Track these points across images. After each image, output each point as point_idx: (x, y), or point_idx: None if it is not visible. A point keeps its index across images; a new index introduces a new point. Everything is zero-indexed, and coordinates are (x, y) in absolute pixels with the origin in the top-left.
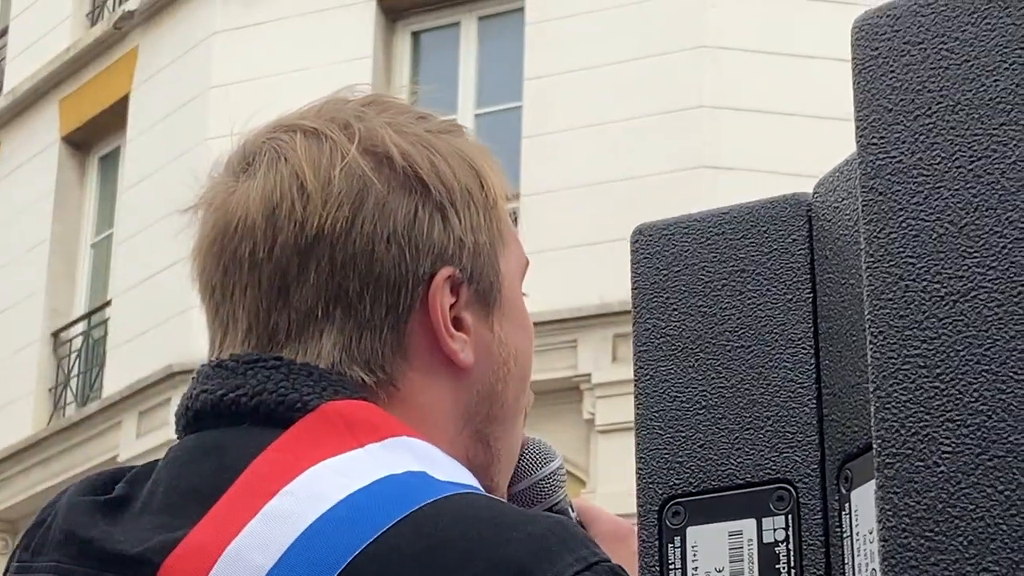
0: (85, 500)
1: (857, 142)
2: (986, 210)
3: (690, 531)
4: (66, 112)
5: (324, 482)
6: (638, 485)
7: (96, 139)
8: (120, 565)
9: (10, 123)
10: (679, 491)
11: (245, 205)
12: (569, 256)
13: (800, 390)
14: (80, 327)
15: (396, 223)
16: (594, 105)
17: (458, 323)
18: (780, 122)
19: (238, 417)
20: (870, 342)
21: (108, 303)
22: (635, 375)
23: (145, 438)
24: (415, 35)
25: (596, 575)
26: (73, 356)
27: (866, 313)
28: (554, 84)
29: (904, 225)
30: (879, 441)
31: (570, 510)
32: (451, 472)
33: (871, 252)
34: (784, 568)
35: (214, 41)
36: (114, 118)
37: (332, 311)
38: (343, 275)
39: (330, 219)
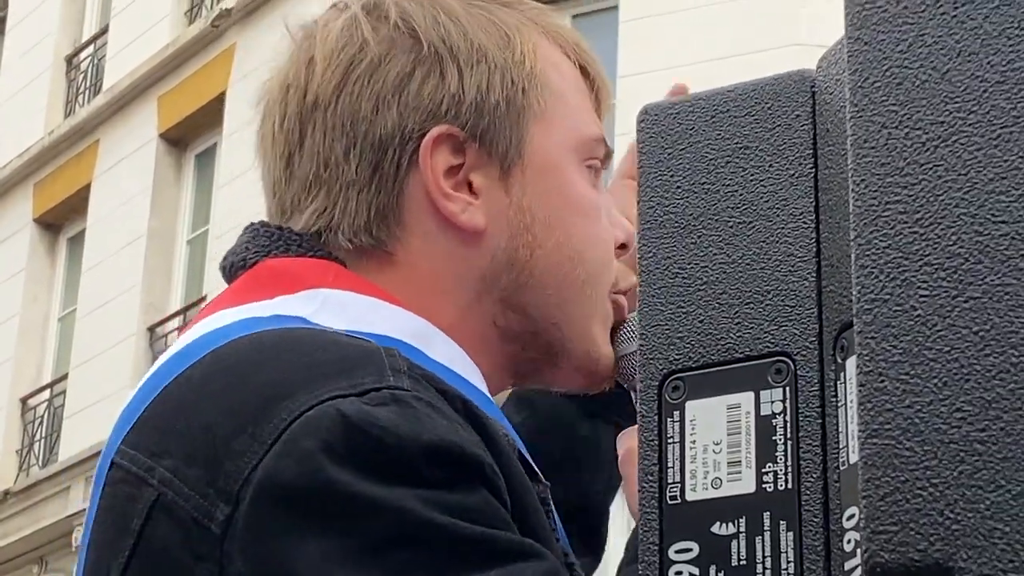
0: None
1: None
2: (968, 55)
3: (689, 405)
4: (164, 109)
5: (201, 328)
6: (640, 362)
7: (193, 136)
8: None
9: (109, 120)
10: (679, 366)
11: (270, 87)
12: None
13: (800, 263)
14: (175, 322)
15: (386, 82)
16: None
17: (465, 185)
18: None
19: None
20: (852, 190)
21: (203, 298)
22: (639, 254)
23: None
24: None
25: (368, 402)
26: None
27: (849, 162)
28: (648, 82)
29: (888, 73)
30: (858, 288)
31: None
32: (353, 322)
33: (855, 102)
34: (780, 439)
35: None
36: (211, 115)
37: (323, 175)
38: (332, 138)
39: (324, 84)
